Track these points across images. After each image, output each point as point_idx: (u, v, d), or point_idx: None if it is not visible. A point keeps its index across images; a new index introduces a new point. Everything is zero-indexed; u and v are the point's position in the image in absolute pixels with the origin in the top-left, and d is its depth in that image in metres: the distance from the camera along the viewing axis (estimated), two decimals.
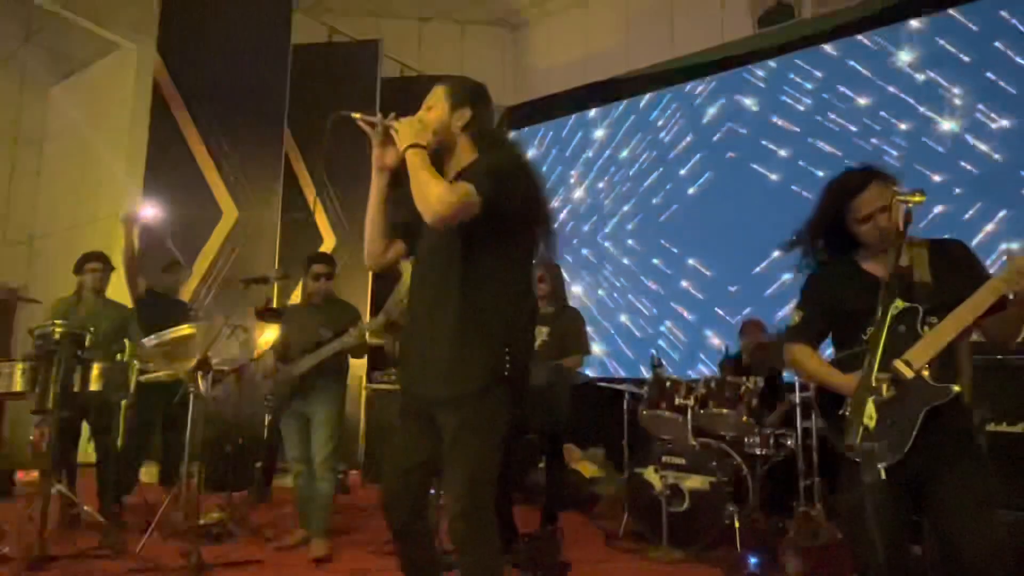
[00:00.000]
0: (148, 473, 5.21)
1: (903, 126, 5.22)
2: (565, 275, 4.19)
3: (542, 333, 3.79)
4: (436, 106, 1.91)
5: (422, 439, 1.85)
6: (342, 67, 6.61)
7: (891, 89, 5.31)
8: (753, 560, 3.33)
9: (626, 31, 7.05)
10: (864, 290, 1.83)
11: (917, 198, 1.65)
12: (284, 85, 5.99)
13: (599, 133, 7.11)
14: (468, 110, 1.90)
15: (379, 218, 1.96)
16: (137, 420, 4.06)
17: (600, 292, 6.85)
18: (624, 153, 6.87)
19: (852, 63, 5.52)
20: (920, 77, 5.18)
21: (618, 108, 6.98)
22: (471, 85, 1.97)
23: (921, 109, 5.15)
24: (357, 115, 1.86)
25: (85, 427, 3.91)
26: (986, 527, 1.70)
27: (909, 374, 1.71)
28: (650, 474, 3.71)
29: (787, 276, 5.53)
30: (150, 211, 4.55)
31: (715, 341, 5.92)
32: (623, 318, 6.64)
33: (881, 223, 1.84)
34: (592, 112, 7.19)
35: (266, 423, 4.80)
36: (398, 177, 1.91)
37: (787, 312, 5.49)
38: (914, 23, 5.26)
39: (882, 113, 5.32)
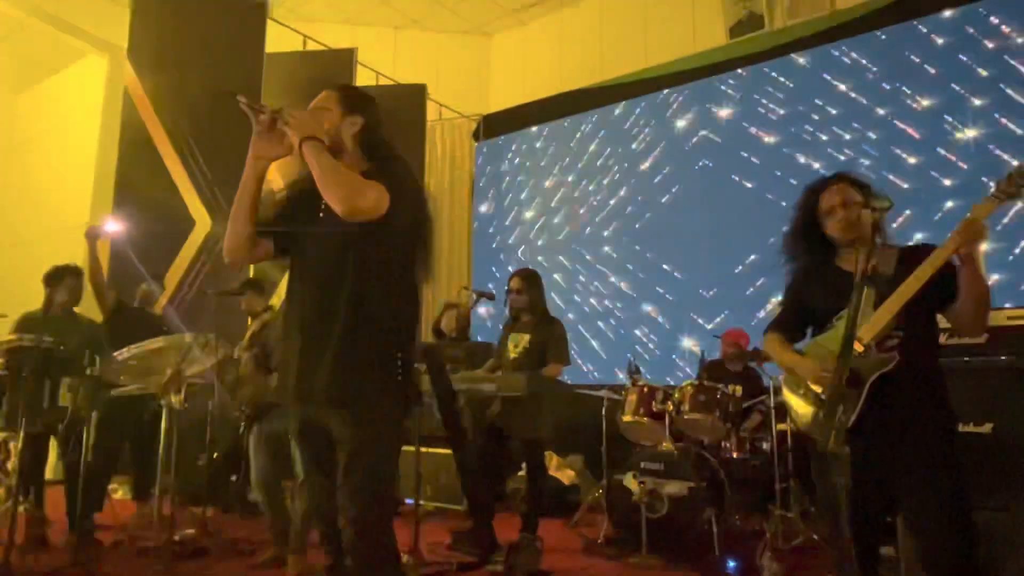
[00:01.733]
0: (120, 489, 5.11)
1: (872, 135, 5.34)
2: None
3: (523, 341, 3.79)
4: (328, 108, 1.86)
5: (327, 454, 1.78)
6: (317, 75, 6.57)
7: (860, 99, 5.43)
8: (731, 564, 3.37)
9: (599, 41, 7.13)
10: (835, 284, 1.95)
11: (884, 205, 1.75)
12: (258, 93, 5.93)
13: (572, 142, 7.16)
14: (360, 118, 1.87)
15: (249, 211, 1.83)
16: (106, 436, 3.98)
17: (576, 298, 6.88)
18: (598, 161, 6.93)
19: (823, 73, 5.64)
20: (887, 86, 5.30)
21: (592, 117, 7.04)
22: (362, 93, 1.94)
23: (889, 118, 5.27)
24: (243, 99, 1.80)
25: (53, 443, 3.82)
26: (955, 531, 1.74)
27: (859, 348, 1.82)
28: (629, 480, 3.73)
29: (761, 280, 5.63)
30: (113, 225, 4.47)
31: (693, 347, 5.98)
32: (599, 324, 6.68)
33: (840, 216, 1.97)
34: (566, 121, 7.24)
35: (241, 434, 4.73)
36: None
37: (763, 316, 5.59)
38: (880, 35, 5.39)
39: (854, 124, 5.43)
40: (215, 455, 4.62)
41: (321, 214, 1.81)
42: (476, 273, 7.72)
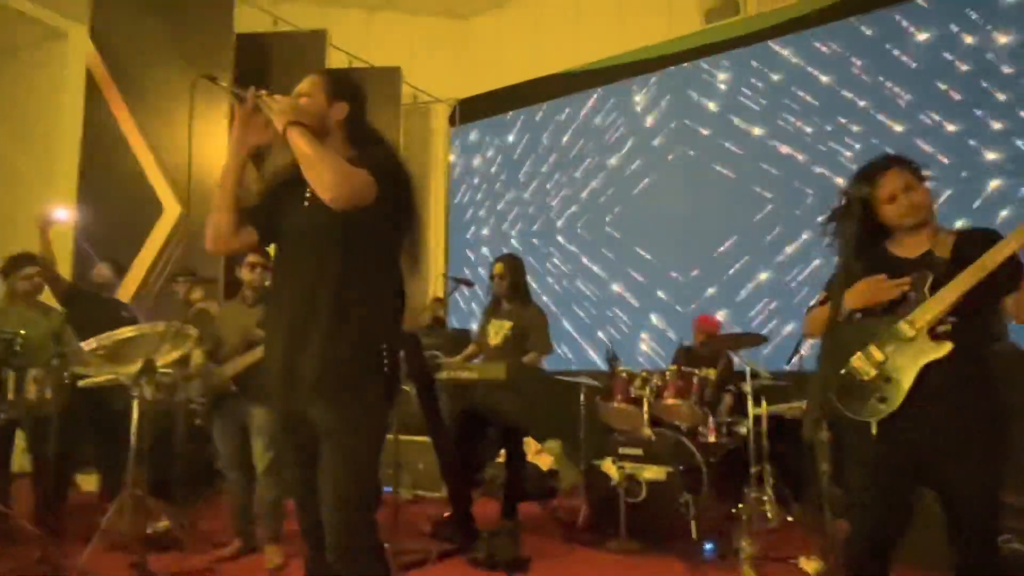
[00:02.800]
0: (87, 482, 4.99)
1: (856, 128, 5.36)
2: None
3: (504, 328, 3.77)
4: (312, 94, 1.81)
5: (310, 446, 1.74)
6: (287, 57, 6.43)
7: (839, 88, 5.46)
8: (708, 547, 3.41)
9: (576, 25, 7.07)
10: (890, 271, 1.89)
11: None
12: (229, 75, 5.78)
13: (548, 127, 7.13)
14: (345, 104, 1.83)
15: (231, 200, 1.79)
16: (73, 427, 3.87)
17: (551, 281, 6.88)
18: (574, 147, 6.91)
19: (798, 60, 5.67)
20: (867, 79, 5.33)
21: (568, 102, 7.00)
22: (349, 80, 1.90)
23: (871, 110, 5.31)
24: (225, 83, 1.75)
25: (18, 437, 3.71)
26: (991, 519, 1.76)
27: (911, 333, 1.80)
28: (607, 466, 3.75)
29: (737, 266, 5.69)
30: (63, 212, 4.33)
31: (668, 333, 6.03)
32: (575, 308, 6.69)
33: (904, 202, 1.89)
34: (542, 106, 7.20)
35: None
36: (255, 158, 1.82)
37: (744, 296, 5.65)
38: (858, 24, 5.42)
39: (833, 113, 5.46)
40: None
41: (306, 202, 1.77)
42: (452, 259, 7.68)
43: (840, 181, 2.04)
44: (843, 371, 1.88)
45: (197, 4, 5.88)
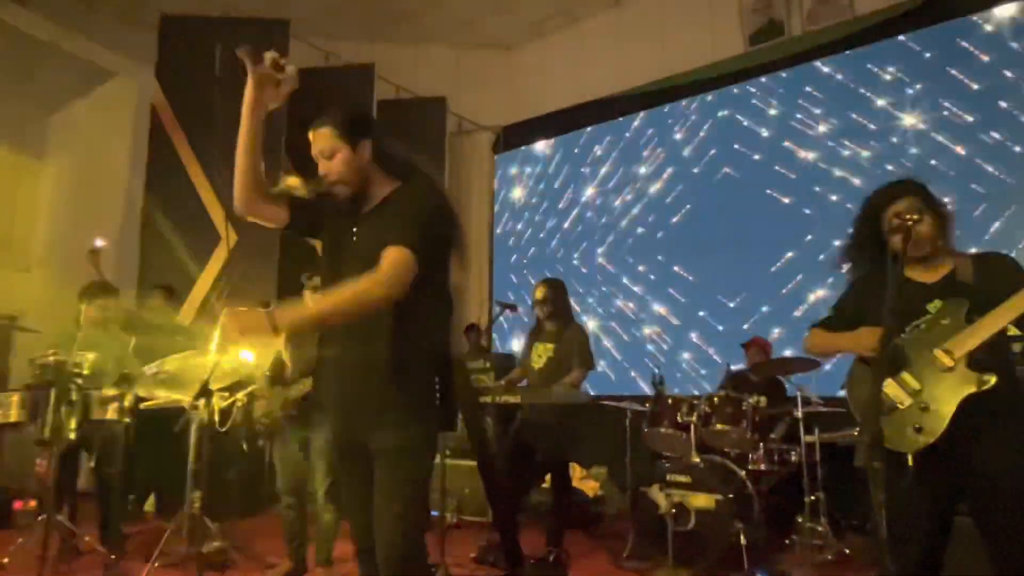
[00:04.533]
0: (148, 503, 5.18)
1: (907, 145, 5.23)
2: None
3: (548, 351, 3.78)
4: (336, 149, 1.79)
5: (364, 470, 1.78)
6: (338, 90, 6.66)
7: (887, 106, 5.36)
8: None
9: (617, 51, 7.13)
10: (914, 297, 1.87)
11: (948, 210, 1.85)
12: (282, 109, 6.00)
13: (591, 152, 7.17)
14: (367, 141, 1.82)
15: (249, 167, 1.81)
16: (136, 449, 4.04)
17: (595, 306, 6.85)
18: (618, 171, 6.92)
19: (845, 80, 5.59)
20: (909, 91, 5.23)
21: (610, 127, 7.04)
22: (355, 114, 1.87)
23: (923, 125, 5.19)
24: (241, 52, 1.76)
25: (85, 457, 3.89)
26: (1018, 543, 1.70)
27: (948, 362, 1.75)
28: (655, 492, 3.69)
29: (787, 288, 5.57)
30: (101, 240, 4.60)
31: (716, 357, 5.93)
32: (618, 331, 6.64)
33: (910, 232, 1.83)
34: (585, 132, 7.25)
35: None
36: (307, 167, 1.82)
37: (799, 318, 5.53)
38: (904, 39, 5.33)
39: (880, 131, 5.34)
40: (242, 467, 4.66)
41: (354, 238, 1.81)
42: (497, 285, 7.74)
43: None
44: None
45: (252, 42, 6.14)
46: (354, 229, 1.81)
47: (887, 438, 1.79)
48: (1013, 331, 1.87)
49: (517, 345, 6.64)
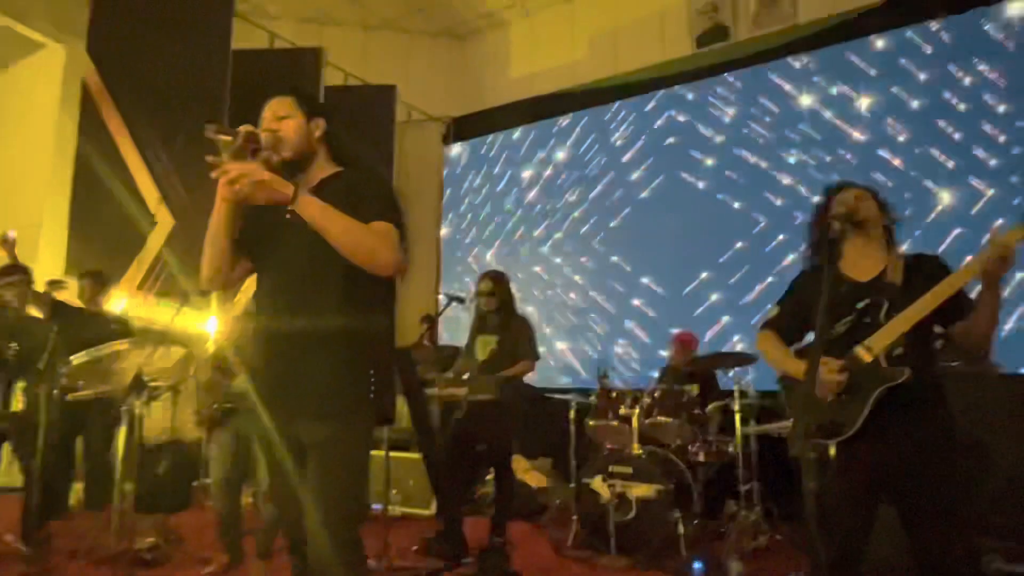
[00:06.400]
0: (73, 495, 4.94)
1: (845, 152, 5.43)
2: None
3: (491, 342, 3.79)
4: (291, 114, 1.81)
5: (297, 462, 1.75)
6: (284, 74, 6.47)
7: (822, 111, 5.57)
8: (697, 565, 3.42)
9: (571, 47, 7.18)
10: (845, 295, 1.96)
11: (894, 214, 2.03)
12: (224, 91, 5.81)
13: (541, 147, 7.20)
14: (322, 120, 1.85)
15: (224, 250, 1.78)
16: (61, 441, 3.84)
17: (540, 298, 6.91)
18: (567, 166, 6.98)
19: (779, 81, 5.78)
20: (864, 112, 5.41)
21: (562, 122, 7.09)
22: (316, 97, 1.93)
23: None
24: (212, 130, 1.66)
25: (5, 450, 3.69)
26: (958, 534, 1.79)
27: (868, 358, 1.85)
28: (597, 483, 3.76)
29: (734, 280, 5.73)
30: (12, 232, 4.33)
31: (660, 352, 6.06)
32: (563, 325, 6.72)
33: (858, 211, 1.96)
34: (535, 126, 7.28)
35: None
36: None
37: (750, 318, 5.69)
38: (841, 48, 5.54)
39: (819, 135, 5.55)
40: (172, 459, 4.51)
41: (288, 215, 1.73)
42: (445, 277, 7.70)
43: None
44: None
45: (194, 19, 5.92)
46: (287, 209, 1.71)
47: (818, 429, 1.89)
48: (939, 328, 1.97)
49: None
